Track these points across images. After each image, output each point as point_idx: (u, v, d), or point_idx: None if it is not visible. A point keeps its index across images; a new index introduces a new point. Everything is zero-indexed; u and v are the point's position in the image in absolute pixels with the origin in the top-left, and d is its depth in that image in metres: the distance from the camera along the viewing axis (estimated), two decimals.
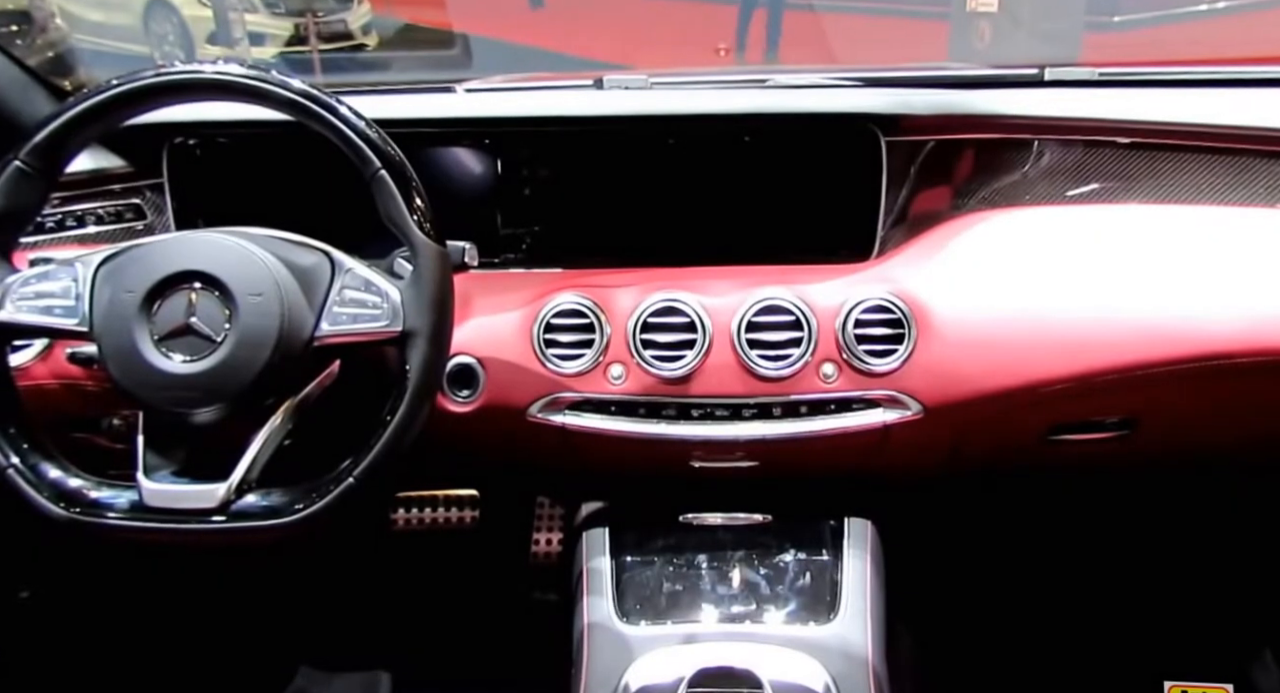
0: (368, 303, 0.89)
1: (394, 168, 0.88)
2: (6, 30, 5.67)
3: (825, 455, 1.20)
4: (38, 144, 0.89)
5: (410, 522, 1.84)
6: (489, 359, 1.15)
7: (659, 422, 1.15)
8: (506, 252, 1.25)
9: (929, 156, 1.21)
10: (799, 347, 1.11)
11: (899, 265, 1.17)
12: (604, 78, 1.28)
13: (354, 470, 0.89)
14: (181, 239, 0.91)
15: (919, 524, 1.30)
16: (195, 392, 0.86)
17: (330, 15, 6.42)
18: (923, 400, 1.12)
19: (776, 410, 1.14)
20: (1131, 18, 5.66)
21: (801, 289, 1.14)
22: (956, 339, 1.11)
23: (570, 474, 1.31)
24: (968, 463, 1.28)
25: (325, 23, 6.34)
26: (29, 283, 0.90)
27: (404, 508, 1.85)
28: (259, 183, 1.27)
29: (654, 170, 1.23)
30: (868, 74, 1.30)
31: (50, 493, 0.90)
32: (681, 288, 1.15)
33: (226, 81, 0.88)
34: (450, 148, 1.23)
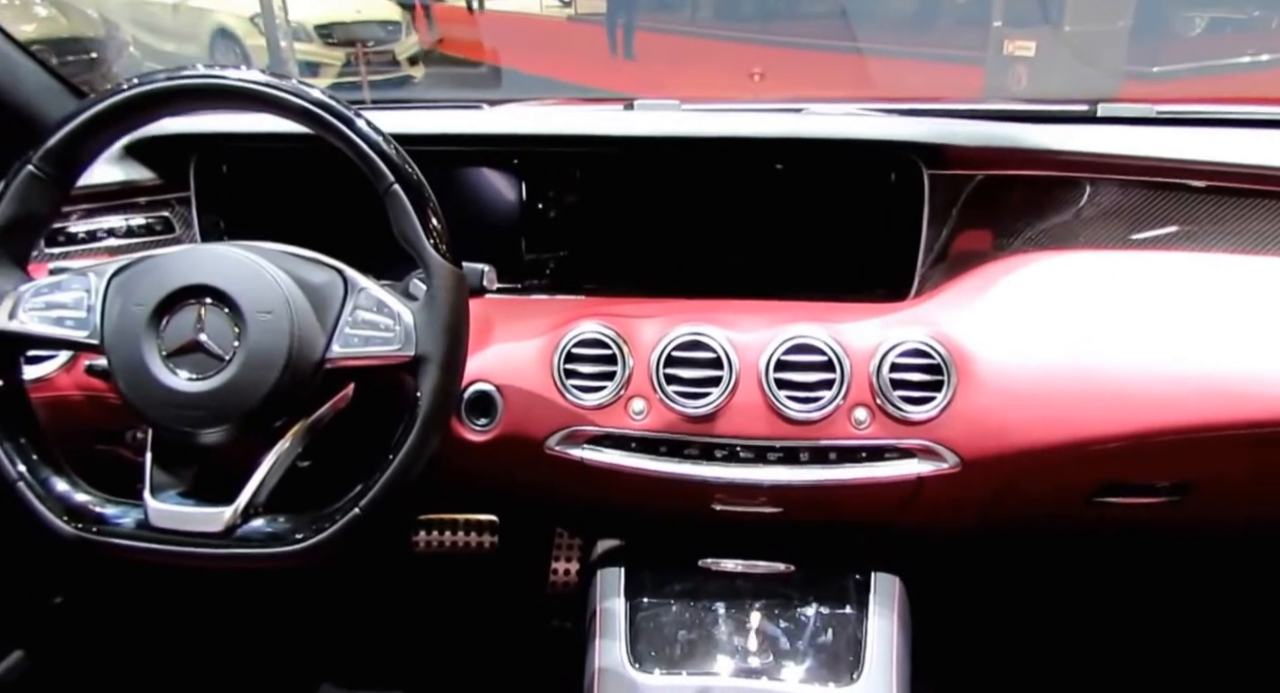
0: (379, 325, 0.83)
1: (409, 184, 0.82)
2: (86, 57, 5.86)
3: (853, 505, 1.10)
4: (50, 148, 0.84)
5: (430, 544, 1.79)
6: (508, 387, 1.07)
7: (680, 461, 1.06)
8: (529, 277, 1.18)
9: (974, 192, 1.11)
10: (830, 389, 1.02)
11: (939, 307, 1.07)
12: (635, 101, 1.20)
13: (360, 501, 0.82)
14: (193, 252, 0.86)
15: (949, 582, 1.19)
16: (202, 412, 0.81)
17: (379, 46, 6.56)
18: (960, 453, 1.01)
19: (804, 455, 1.04)
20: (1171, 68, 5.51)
21: (835, 328, 1.05)
22: (999, 389, 1.01)
23: (588, 509, 1.23)
24: (1004, 520, 1.17)
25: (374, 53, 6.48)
26: (41, 293, 0.86)
27: (425, 530, 1.79)
28: (285, 197, 1.22)
29: (683, 197, 1.15)
30: (907, 106, 1.21)
31: (57, 507, 0.85)
32: (708, 321, 1.06)
33: (239, 88, 0.82)
34: (475, 168, 1.17)
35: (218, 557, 0.83)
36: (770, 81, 5.11)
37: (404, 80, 6.66)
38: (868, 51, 6.66)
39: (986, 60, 5.66)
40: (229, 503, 0.82)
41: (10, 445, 0.86)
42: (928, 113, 1.17)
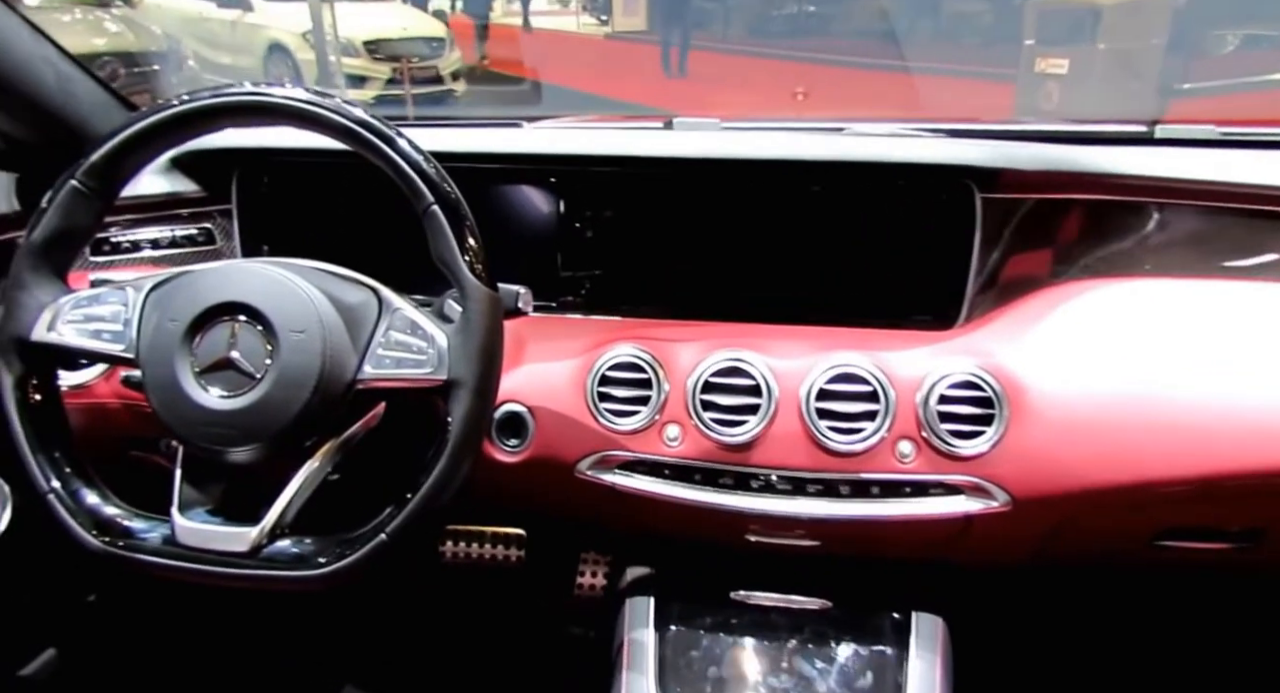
0: (412, 347, 0.79)
1: (448, 204, 0.78)
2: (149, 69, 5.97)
3: (896, 542, 1.02)
4: (94, 164, 0.82)
5: (458, 555, 1.74)
6: (540, 409, 1.01)
7: (715, 490, 0.99)
8: (565, 295, 1.13)
9: (1027, 216, 1.03)
10: (874, 421, 0.94)
11: (990, 336, 0.99)
12: (674, 120, 1.13)
13: (386, 527, 0.78)
14: (228, 269, 0.83)
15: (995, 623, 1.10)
16: (232, 430, 0.77)
17: (423, 61, 6.62)
18: (1011, 491, 0.93)
19: (844, 489, 0.96)
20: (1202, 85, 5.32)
21: (879, 357, 0.97)
22: (1054, 424, 0.92)
23: (618, 534, 1.16)
24: (1056, 561, 1.08)
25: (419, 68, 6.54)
26: (80, 305, 0.84)
27: (452, 540, 1.74)
28: (324, 212, 1.18)
29: (722, 218, 1.08)
30: (953, 126, 1.13)
31: (87, 521, 0.83)
32: (747, 346, 0.99)
33: (283, 105, 0.80)
34: (513, 185, 1.12)
35: (241, 577, 0.80)
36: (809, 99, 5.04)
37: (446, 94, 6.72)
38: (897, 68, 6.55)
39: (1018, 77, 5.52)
40: (256, 522, 0.79)
41: (43, 457, 0.83)
42: (978, 134, 1.09)
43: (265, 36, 6.83)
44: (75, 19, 5.99)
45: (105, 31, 5.95)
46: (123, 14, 6.48)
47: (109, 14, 6.29)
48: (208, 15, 7.12)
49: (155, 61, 6.19)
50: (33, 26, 1.03)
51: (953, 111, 5.58)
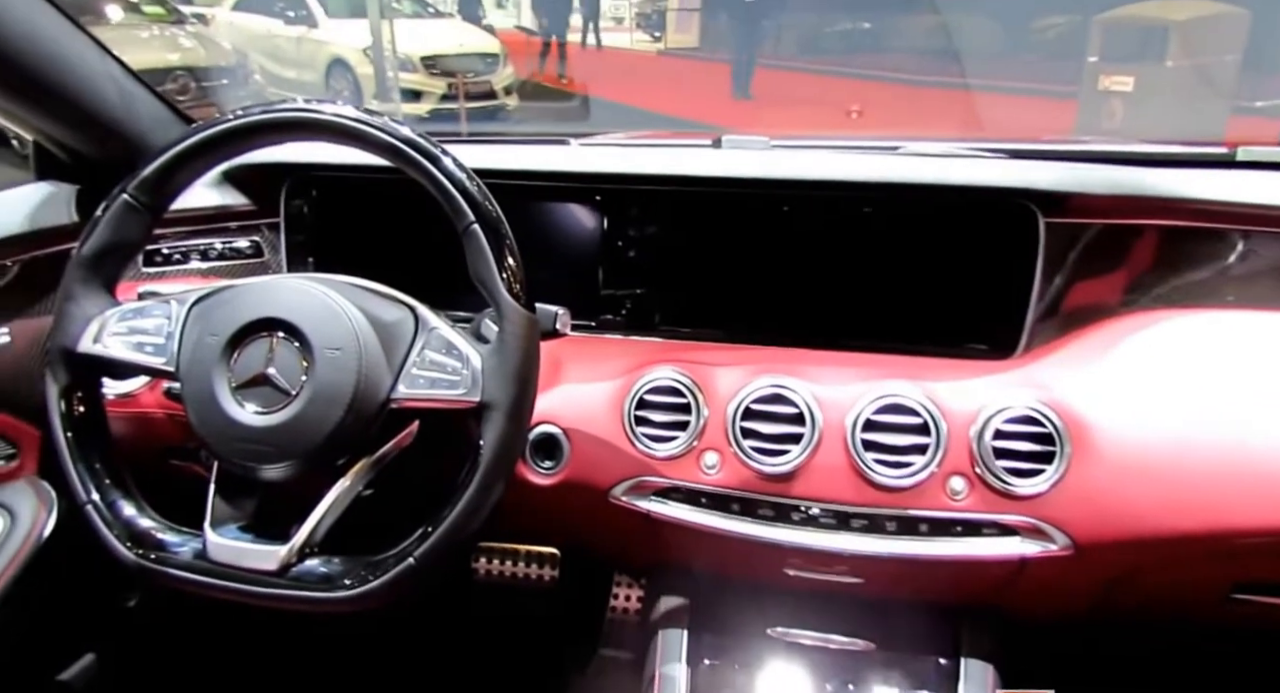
0: (447, 367, 0.78)
1: (488, 223, 0.77)
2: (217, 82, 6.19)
3: (944, 583, 0.96)
4: (145, 178, 0.84)
5: (490, 573, 1.72)
6: (575, 431, 0.98)
7: (753, 521, 0.95)
8: (605, 313, 1.10)
9: (1094, 242, 0.97)
10: (924, 454, 0.89)
11: (1051, 368, 0.93)
12: (722, 138, 1.10)
13: (414, 551, 0.77)
14: (269, 285, 0.83)
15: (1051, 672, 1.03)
16: (266, 447, 0.77)
17: (478, 77, 6.74)
18: (1072, 535, 0.86)
19: (890, 525, 0.91)
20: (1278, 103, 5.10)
21: (931, 387, 0.92)
22: (1121, 465, 0.86)
23: (652, 560, 1.13)
24: (1119, 612, 1.01)
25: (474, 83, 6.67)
26: (126, 317, 0.84)
27: (485, 557, 1.72)
28: (369, 227, 1.18)
29: (769, 239, 1.05)
30: (1014, 146, 1.07)
31: (122, 532, 0.83)
32: (791, 373, 0.95)
33: (330, 122, 0.80)
34: (557, 202, 1.11)
35: (269, 596, 0.79)
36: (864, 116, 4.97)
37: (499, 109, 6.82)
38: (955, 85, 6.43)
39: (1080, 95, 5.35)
40: (286, 540, 0.78)
41: (84, 467, 0.84)
42: (1041, 154, 1.03)
43: (328, 52, 7.03)
44: (153, 35, 6.26)
45: (179, 47, 6.19)
46: (196, 30, 6.74)
47: (183, 30, 6.54)
48: (275, 32, 7.37)
49: (224, 76, 6.42)
50: (99, 45, 1.06)
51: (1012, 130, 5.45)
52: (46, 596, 1.14)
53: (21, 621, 1.09)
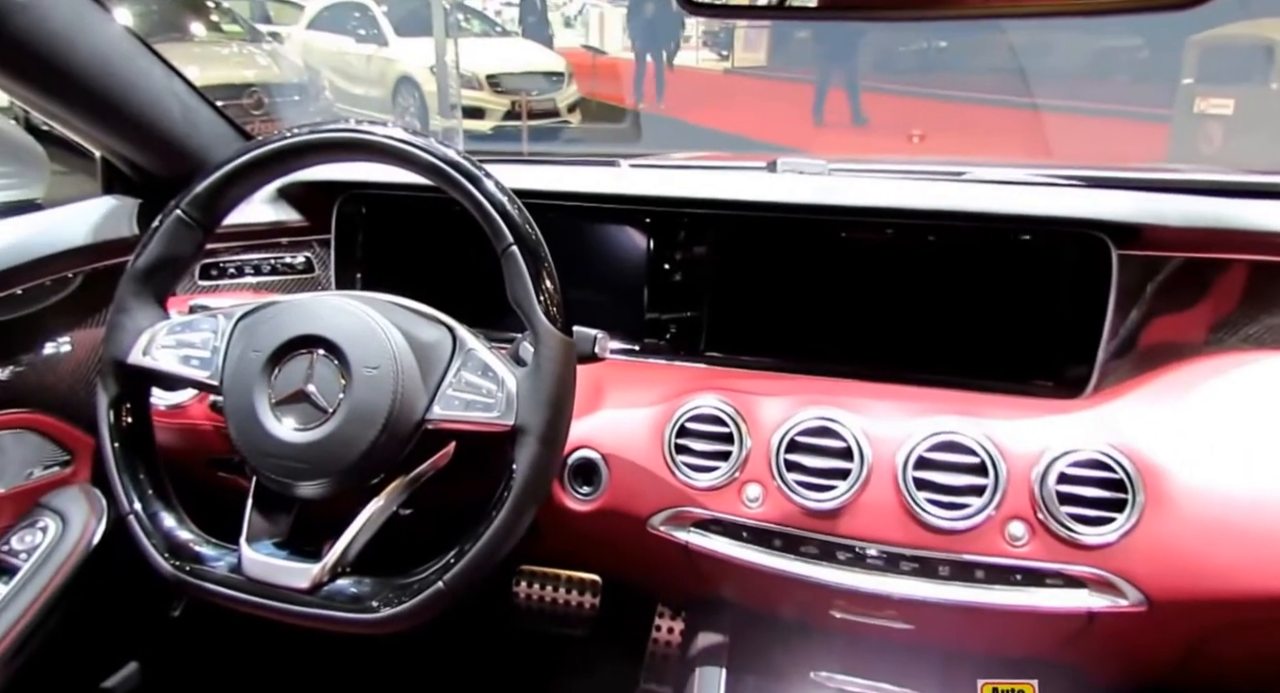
0: (482, 390, 0.78)
1: (527, 246, 0.78)
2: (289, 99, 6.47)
3: (1001, 634, 0.92)
4: (198, 195, 0.87)
5: (531, 598, 1.71)
6: (614, 457, 0.98)
7: (797, 559, 0.92)
8: (649, 337, 1.10)
9: (1174, 276, 0.92)
10: (980, 496, 0.85)
11: (1124, 409, 0.89)
12: (778, 161, 1.09)
13: (444, 575, 0.78)
14: (313, 302, 0.84)
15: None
16: (302, 464, 0.78)
17: (542, 95, 6.89)
18: (1145, 590, 0.82)
19: (943, 570, 0.88)
20: None
21: (990, 426, 0.88)
22: (1201, 517, 0.81)
23: (692, 593, 1.11)
24: (1203, 678, 0.94)
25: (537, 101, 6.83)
26: (174, 331, 0.87)
27: (526, 582, 1.72)
28: (416, 246, 1.21)
29: (823, 265, 1.03)
30: (1089, 173, 1.03)
31: (161, 543, 0.85)
32: (840, 405, 0.93)
33: (374, 142, 0.82)
34: (604, 224, 1.11)
35: (299, 614, 0.80)
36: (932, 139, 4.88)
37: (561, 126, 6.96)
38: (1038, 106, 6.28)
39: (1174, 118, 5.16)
40: (319, 559, 0.80)
41: (129, 477, 0.86)
42: (1114, 183, 0.99)
43: (396, 70, 7.30)
44: (232, 52, 6.59)
45: (255, 64, 6.51)
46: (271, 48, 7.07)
47: (260, 48, 6.87)
48: (346, 50, 7.68)
49: (296, 92, 6.72)
50: (165, 63, 1.10)
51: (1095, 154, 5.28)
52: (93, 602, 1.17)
53: (69, 625, 1.11)
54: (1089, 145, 5.75)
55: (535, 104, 6.73)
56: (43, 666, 1.08)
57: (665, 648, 1.60)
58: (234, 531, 0.85)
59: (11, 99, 1.01)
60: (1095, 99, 6.38)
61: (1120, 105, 6.21)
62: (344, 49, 7.69)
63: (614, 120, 7.81)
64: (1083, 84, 6.78)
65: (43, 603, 1.06)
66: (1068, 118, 6.24)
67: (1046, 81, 6.63)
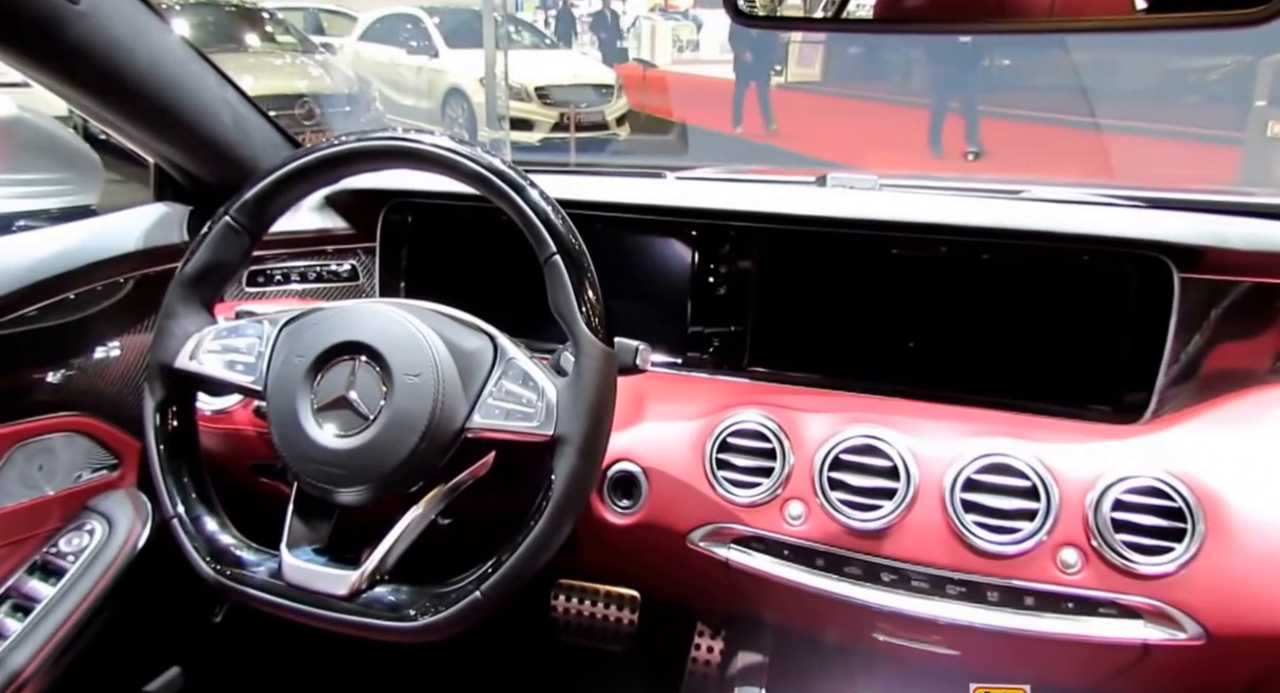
0: (522, 399, 0.79)
1: (570, 255, 0.79)
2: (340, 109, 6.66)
3: (1052, 664, 0.91)
4: (246, 202, 0.89)
5: (569, 612, 1.71)
6: (654, 471, 0.98)
7: (840, 579, 0.92)
8: (691, 350, 1.11)
9: (1239, 301, 0.91)
10: (1032, 521, 0.85)
11: (1184, 436, 0.88)
12: (828, 175, 1.10)
13: (481, 585, 0.78)
14: (357, 308, 0.86)
15: None
16: (342, 470, 0.80)
17: (591, 107, 6.99)
18: (1204, 623, 0.80)
19: (992, 595, 0.87)
20: None
21: (1041, 449, 0.88)
22: (1264, 550, 0.79)
23: (731, 611, 1.11)
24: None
25: (586, 114, 6.94)
26: (221, 336, 0.89)
27: (565, 596, 1.72)
28: (460, 254, 1.23)
29: (872, 281, 1.03)
30: (1145, 193, 1.03)
31: (203, 548, 0.87)
32: (886, 423, 0.93)
33: (420, 151, 0.83)
34: (650, 235, 1.12)
35: (338, 621, 0.81)
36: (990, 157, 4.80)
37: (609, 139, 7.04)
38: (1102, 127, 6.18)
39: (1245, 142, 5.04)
40: (358, 566, 0.81)
41: (173, 481, 0.88)
42: (1177, 205, 0.98)
43: (446, 81, 7.48)
44: (285, 63, 6.81)
45: (309, 75, 6.71)
46: (324, 59, 7.28)
47: (313, 59, 7.08)
48: (398, 61, 7.89)
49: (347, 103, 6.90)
50: (219, 71, 1.14)
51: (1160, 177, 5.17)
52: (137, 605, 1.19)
53: (113, 629, 1.14)
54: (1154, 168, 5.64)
55: (583, 116, 6.82)
56: (87, 668, 1.11)
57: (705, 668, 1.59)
58: (275, 536, 0.86)
59: (70, 107, 1.05)
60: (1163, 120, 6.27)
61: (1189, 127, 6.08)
62: (395, 60, 7.90)
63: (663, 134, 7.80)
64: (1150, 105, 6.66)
65: (88, 606, 1.09)
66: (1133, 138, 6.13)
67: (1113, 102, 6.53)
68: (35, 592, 1.08)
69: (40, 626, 1.06)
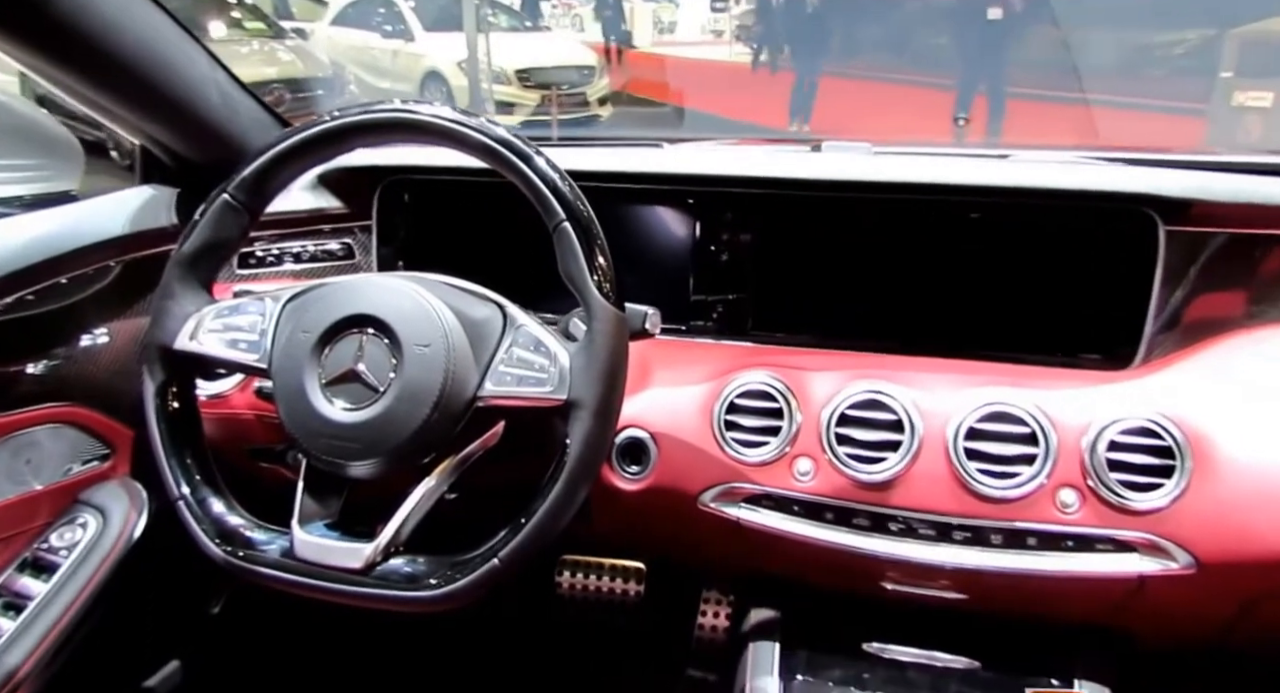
0: (534, 365, 0.79)
1: (580, 222, 0.79)
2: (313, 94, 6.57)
3: (1055, 600, 0.95)
4: (245, 178, 0.88)
5: (574, 587, 1.71)
6: (663, 436, 1.01)
7: (848, 531, 0.95)
8: (695, 318, 1.13)
9: (1219, 252, 0.96)
10: (1031, 465, 0.89)
11: (1171, 380, 0.92)
12: (823, 143, 1.13)
13: (499, 551, 0.79)
14: (361, 282, 0.86)
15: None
16: (353, 443, 0.79)
17: (572, 89, 6.96)
18: (1195, 553, 0.85)
19: (995, 538, 0.91)
20: None
21: (1040, 396, 0.92)
22: (1248, 482, 0.84)
23: (742, 571, 1.14)
24: (1253, 642, 0.98)
25: (567, 95, 6.88)
26: (221, 315, 0.88)
27: (569, 572, 1.73)
28: (458, 230, 1.23)
29: (869, 244, 1.06)
30: (1133, 155, 1.07)
31: (211, 529, 0.86)
32: (890, 379, 0.96)
33: (424, 123, 0.83)
34: (650, 206, 1.14)
35: (355, 595, 0.81)
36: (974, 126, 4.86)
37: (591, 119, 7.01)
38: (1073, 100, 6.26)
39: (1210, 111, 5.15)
40: (371, 539, 0.81)
41: (176, 463, 0.88)
42: (1161, 163, 1.02)
43: (423, 65, 7.37)
44: (252, 50, 6.68)
45: (278, 61, 6.59)
46: (294, 45, 7.14)
47: (282, 45, 6.95)
48: (372, 45, 7.77)
49: (320, 87, 6.78)
50: (208, 52, 1.11)
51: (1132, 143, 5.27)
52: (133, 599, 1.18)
53: (109, 624, 1.12)
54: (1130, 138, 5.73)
55: (565, 98, 6.76)
56: (84, 665, 1.09)
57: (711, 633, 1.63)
58: (277, 520, 0.87)
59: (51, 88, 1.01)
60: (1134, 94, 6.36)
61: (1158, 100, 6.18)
62: (369, 44, 7.77)
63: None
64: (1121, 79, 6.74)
65: (83, 602, 1.07)
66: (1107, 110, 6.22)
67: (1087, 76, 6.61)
68: (27, 589, 1.05)
69: (34, 624, 1.04)
